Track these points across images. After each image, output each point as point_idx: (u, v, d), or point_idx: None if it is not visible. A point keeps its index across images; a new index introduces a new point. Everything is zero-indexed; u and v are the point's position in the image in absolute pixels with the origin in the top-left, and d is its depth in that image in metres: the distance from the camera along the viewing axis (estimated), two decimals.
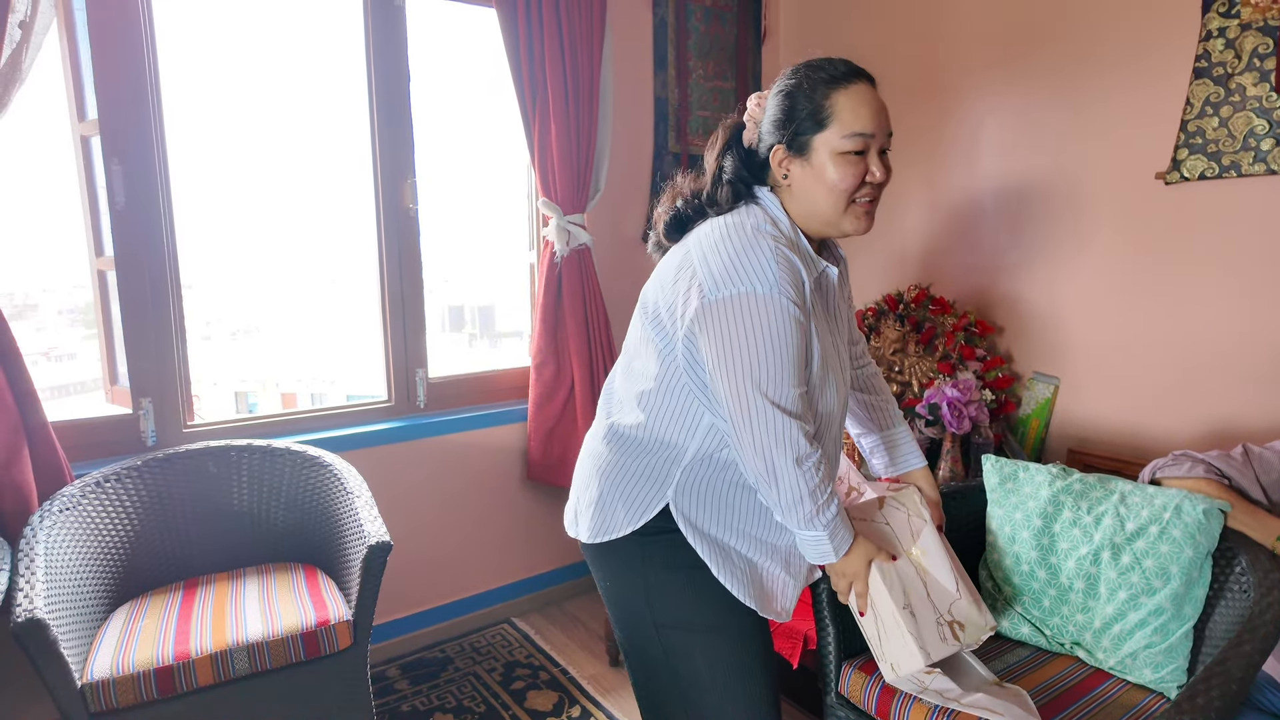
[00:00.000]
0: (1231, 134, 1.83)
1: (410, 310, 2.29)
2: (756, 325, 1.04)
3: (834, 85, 1.10)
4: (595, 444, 1.24)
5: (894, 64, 2.52)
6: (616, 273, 2.61)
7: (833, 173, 1.10)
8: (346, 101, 2.20)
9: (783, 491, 1.08)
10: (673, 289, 1.12)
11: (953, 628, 1.24)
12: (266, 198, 2.37)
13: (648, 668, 1.24)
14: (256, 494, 1.93)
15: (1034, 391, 2.21)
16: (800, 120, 1.11)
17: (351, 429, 2.19)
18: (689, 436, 1.15)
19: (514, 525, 2.54)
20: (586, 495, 1.23)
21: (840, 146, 1.10)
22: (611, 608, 1.27)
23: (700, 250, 1.10)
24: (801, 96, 1.11)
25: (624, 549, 1.19)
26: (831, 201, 1.12)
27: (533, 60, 2.22)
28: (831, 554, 1.14)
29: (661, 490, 1.16)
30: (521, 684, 2.15)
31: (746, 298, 1.04)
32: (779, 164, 1.14)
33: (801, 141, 1.11)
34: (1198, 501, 1.32)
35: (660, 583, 1.18)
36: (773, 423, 1.05)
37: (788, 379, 1.05)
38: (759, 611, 1.17)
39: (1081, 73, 2.08)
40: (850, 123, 1.09)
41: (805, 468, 1.07)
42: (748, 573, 1.17)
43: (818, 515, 1.10)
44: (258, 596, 1.69)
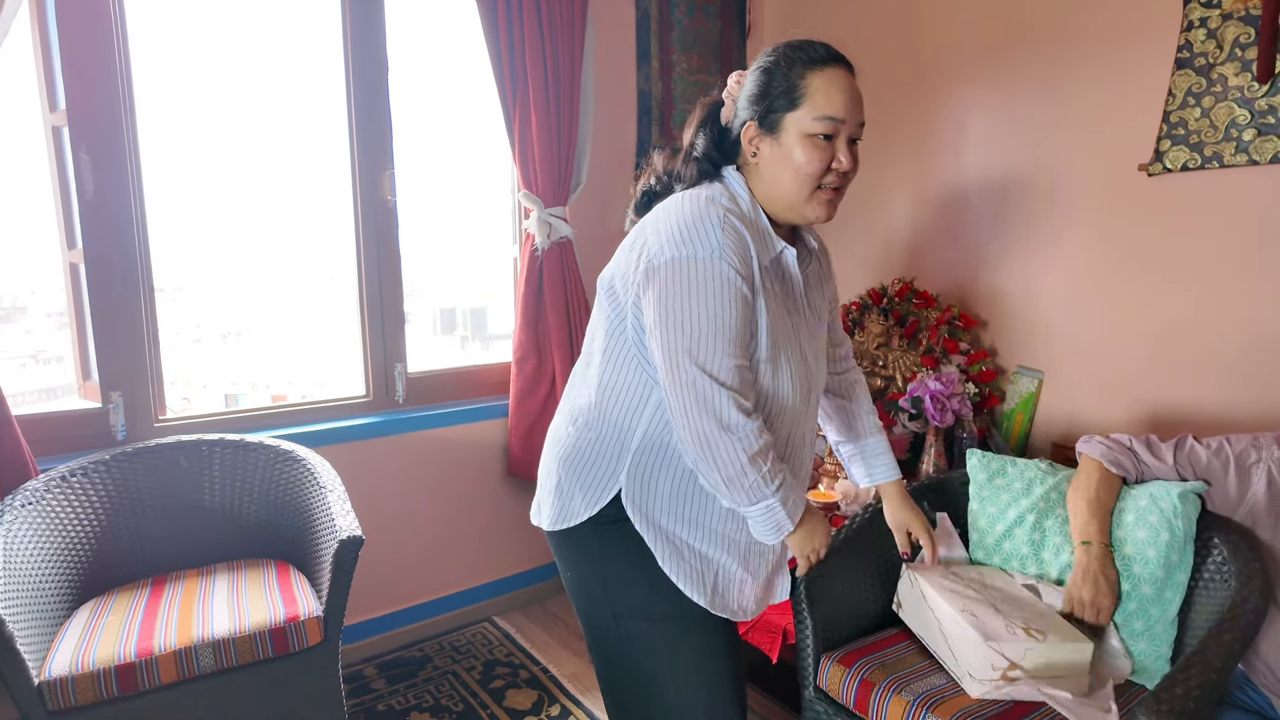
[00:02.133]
0: (1214, 124, 1.82)
1: (389, 303, 2.25)
2: (693, 289, 1.02)
3: (811, 66, 1.09)
4: (556, 428, 1.23)
5: (879, 57, 2.50)
6: (599, 266, 2.55)
7: (799, 154, 1.08)
8: (324, 93, 2.17)
9: (720, 463, 1.04)
10: (627, 258, 1.11)
11: (1027, 631, 1.23)
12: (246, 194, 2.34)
13: (608, 657, 1.22)
14: (229, 489, 1.89)
15: (1018, 385, 2.19)
16: (774, 97, 1.09)
17: (328, 424, 2.16)
18: (636, 416, 1.12)
19: (495, 522, 2.50)
20: (548, 482, 1.21)
21: (810, 128, 1.08)
22: (572, 596, 1.25)
23: (654, 219, 1.09)
24: (778, 74, 1.10)
25: (581, 537, 1.17)
26: (796, 185, 1.10)
27: (513, 51, 2.19)
28: (787, 521, 1.10)
29: (614, 475, 1.14)
30: (501, 683, 2.12)
31: (688, 261, 1.02)
32: (749, 140, 1.12)
33: (773, 119, 1.10)
34: (1172, 487, 1.30)
35: (617, 571, 1.16)
36: (701, 390, 1.02)
37: (721, 347, 1.03)
38: (711, 610, 1.14)
39: (1065, 64, 2.07)
40: (822, 105, 1.08)
41: (739, 435, 1.03)
42: (699, 568, 1.14)
43: (764, 483, 1.06)
44: (227, 593, 1.65)
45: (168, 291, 2.28)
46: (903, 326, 2.26)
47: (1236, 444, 1.39)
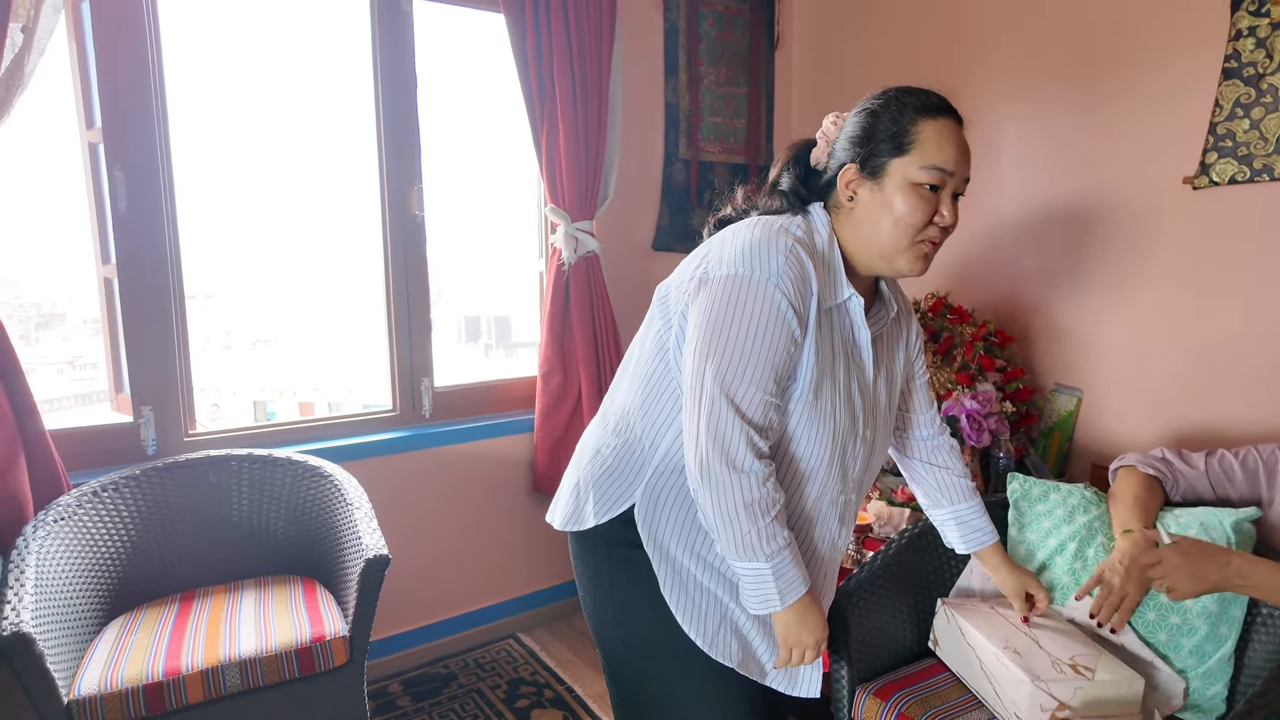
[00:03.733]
0: (1264, 136, 1.76)
1: (416, 318, 2.25)
2: (740, 310, 0.98)
3: (923, 113, 1.05)
4: (589, 431, 1.21)
5: (909, 70, 2.46)
6: (625, 280, 2.57)
7: (901, 203, 1.03)
8: (353, 107, 2.18)
9: (715, 497, 0.98)
10: (685, 269, 1.09)
11: (1075, 668, 1.18)
12: (276, 205, 2.37)
13: (622, 683, 1.19)
14: (256, 505, 1.90)
15: (1056, 404, 2.13)
16: (879, 141, 1.05)
17: (355, 439, 2.15)
18: (662, 432, 1.08)
19: (520, 538, 2.49)
20: (569, 480, 1.20)
21: (916, 177, 1.03)
22: (586, 613, 1.22)
23: (721, 236, 1.06)
24: (886, 117, 1.06)
25: (594, 550, 1.15)
26: (894, 234, 1.04)
27: (541, 66, 2.19)
28: (775, 598, 1.00)
29: (630, 489, 1.10)
30: (526, 702, 2.09)
31: (743, 281, 0.98)
32: (847, 184, 1.07)
33: (876, 164, 1.05)
34: (1224, 515, 1.25)
35: (629, 601, 1.12)
36: (718, 416, 0.97)
37: (752, 377, 0.97)
38: (709, 653, 1.06)
39: (1105, 75, 2.01)
40: (932, 154, 1.03)
41: (744, 475, 0.97)
42: (701, 605, 1.07)
43: (761, 542, 0.97)
44: (254, 611, 1.65)
45: (199, 298, 2.29)
46: (937, 343, 2.21)
47: (1264, 450, 1.39)
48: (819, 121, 1.18)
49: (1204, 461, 1.43)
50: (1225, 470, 1.40)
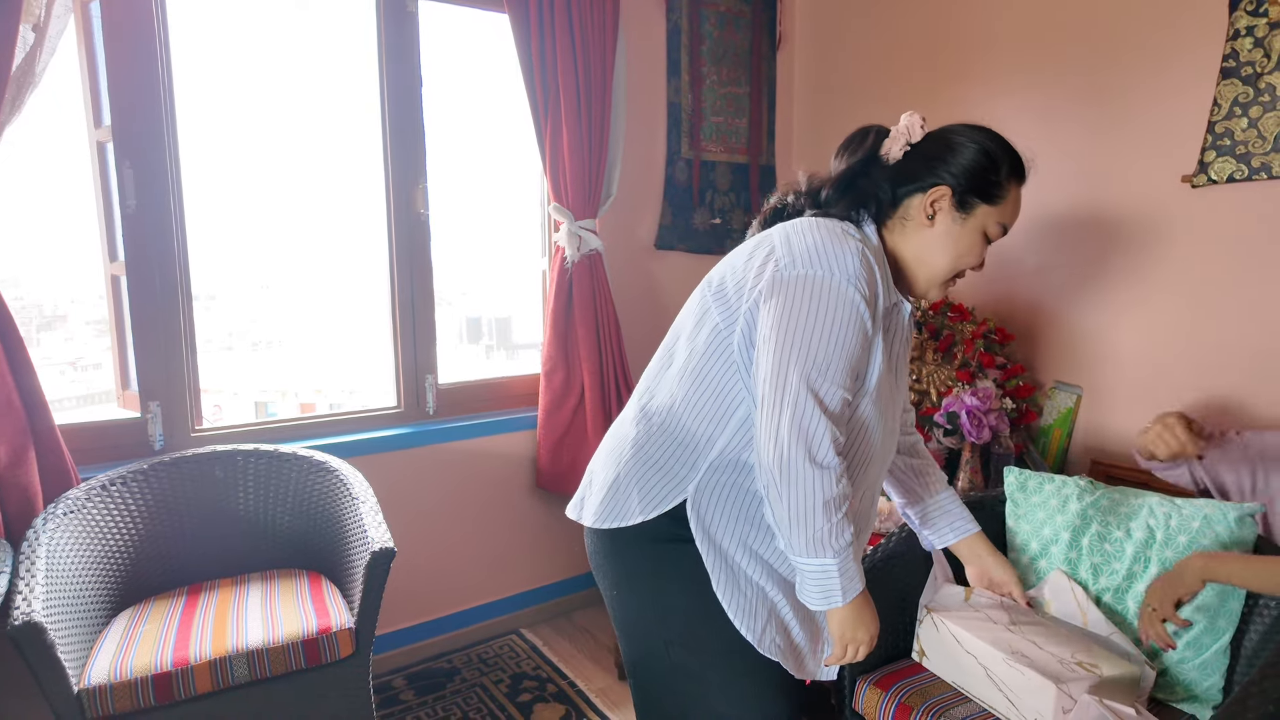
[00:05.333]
0: (1262, 135, 1.77)
1: (421, 316, 2.27)
2: (820, 308, 0.99)
3: (1016, 174, 1.14)
4: (622, 427, 1.18)
5: (908, 69, 2.48)
6: (628, 279, 2.58)
7: (969, 244, 1.12)
8: (359, 107, 2.20)
9: (793, 493, 0.98)
10: (745, 265, 1.08)
11: (1081, 665, 1.19)
12: (280, 205, 2.37)
13: (653, 683, 1.18)
14: (263, 499, 1.91)
15: (1056, 401, 2.15)
16: (983, 185, 1.10)
17: (360, 435, 2.17)
18: (719, 428, 1.07)
19: (523, 534, 2.50)
20: (602, 477, 1.16)
21: (990, 229, 1.13)
22: (616, 612, 1.19)
23: (783, 232, 1.07)
24: (997, 167, 1.11)
25: (635, 549, 1.12)
26: (946, 266, 1.12)
27: (544, 65, 2.20)
28: (838, 594, 1.02)
29: (682, 485, 1.08)
30: (529, 696, 2.11)
31: (821, 281, 1.00)
32: (932, 202, 1.11)
33: (971, 202, 1.11)
34: (1229, 509, 1.26)
35: (674, 596, 1.10)
36: (802, 410, 0.97)
37: (835, 374, 0.99)
38: (760, 649, 1.07)
39: (1102, 73, 2.03)
40: (1010, 215, 1.14)
41: (825, 471, 0.98)
42: (754, 602, 1.08)
43: (831, 538, 0.99)
44: (260, 603, 1.67)
45: (201, 299, 2.32)
46: (937, 340, 2.23)
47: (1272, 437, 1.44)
48: (821, 120, 1.21)
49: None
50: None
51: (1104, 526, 1.41)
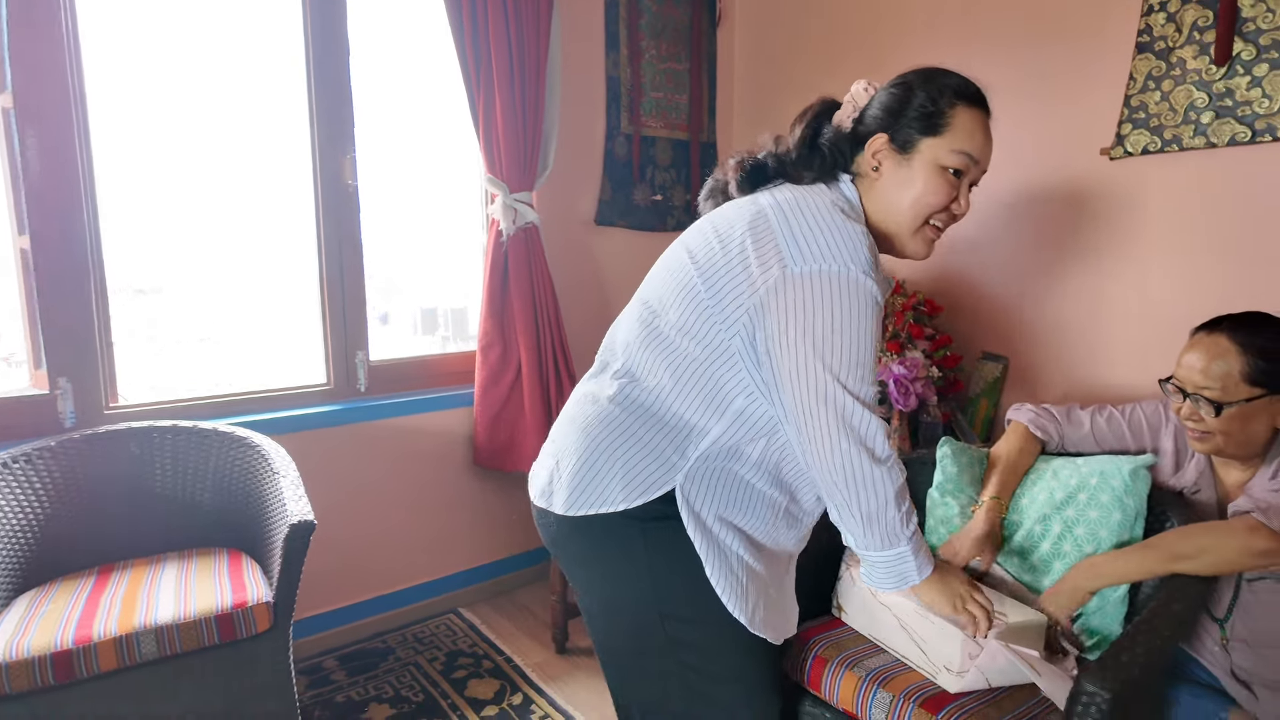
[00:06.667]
0: (1173, 108, 1.83)
1: (350, 288, 2.22)
2: (842, 307, 0.95)
3: (960, 97, 1.07)
4: (596, 406, 1.09)
5: (848, 46, 2.50)
6: (568, 254, 2.56)
7: (924, 183, 1.06)
8: (283, 73, 2.13)
9: (865, 498, 0.97)
10: (740, 248, 1.01)
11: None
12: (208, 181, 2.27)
13: (647, 659, 1.12)
14: (181, 476, 1.85)
15: (982, 371, 2.19)
16: (914, 116, 1.06)
17: (288, 412, 2.12)
18: (714, 418, 1.03)
19: (461, 512, 2.47)
20: (571, 460, 1.08)
21: (944, 160, 1.06)
22: (596, 592, 1.14)
23: (781, 216, 1.01)
24: (923, 94, 1.07)
25: (619, 531, 1.06)
26: (911, 214, 1.07)
27: (476, 32, 2.16)
28: (914, 575, 1.02)
29: (670, 472, 1.03)
30: (463, 673, 2.09)
31: (838, 277, 0.95)
32: (874, 153, 1.08)
33: (907, 138, 1.06)
34: (1123, 464, 1.30)
35: (669, 571, 1.06)
36: (851, 415, 0.95)
37: (868, 372, 0.97)
38: (750, 628, 1.06)
39: (1027, 50, 2.07)
40: (963, 139, 1.06)
41: (890, 466, 0.97)
42: (744, 582, 1.06)
43: (903, 526, 1.00)
44: (175, 580, 1.61)
45: (147, 293, 2.24)
46: None
47: (1147, 406, 1.48)
48: (763, 98, 1.19)
49: (1089, 420, 1.50)
50: (1112, 428, 1.48)
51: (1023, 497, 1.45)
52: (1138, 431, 1.48)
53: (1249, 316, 1.28)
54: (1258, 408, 1.23)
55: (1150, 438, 1.47)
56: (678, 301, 1.06)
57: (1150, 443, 1.47)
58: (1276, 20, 1.65)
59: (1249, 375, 1.22)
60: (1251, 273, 1.74)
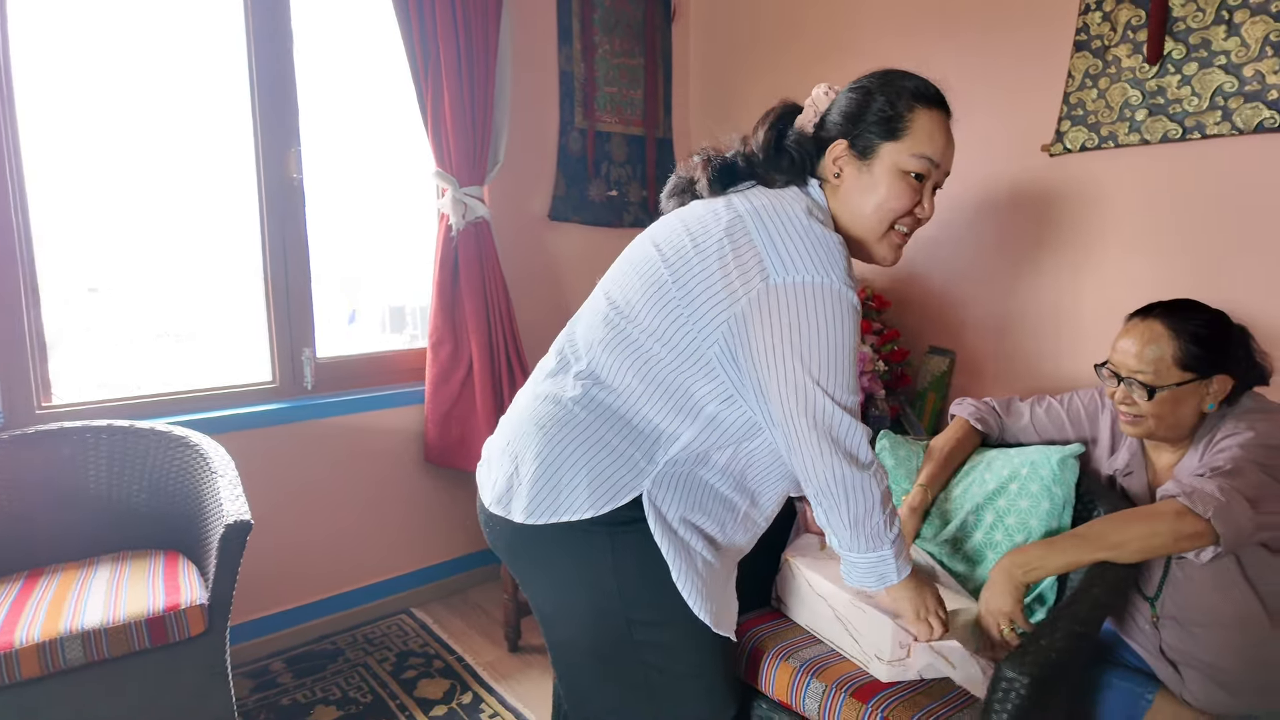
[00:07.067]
0: (1109, 105, 1.86)
1: (295, 284, 2.18)
2: (827, 318, 0.95)
3: (919, 100, 1.06)
4: (558, 407, 1.06)
5: (801, 42, 2.51)
6: (521, 249, 2.54)
7: (886, 188, 1.05)
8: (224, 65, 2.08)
9: (851, 503, 1.00)
10: (717, 252, 1.00)
11: None
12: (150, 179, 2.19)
13: (608, 663, 1.12)
14: (116, 477, 1.80)
15: (930, 365, 2.22)
16: (873, 121, 1.06)
17: (230, 410, 2.07)
18: (685, 423, 1.03)
19: (413, 511, 2.44)
20: (531, 465, 1.04)
21: (905, 164, 1.05)
22: (557, 599, 1.12)
23: (760, 223, 1.00)
24: (882, 98, 1.06)
25: (585, 538, 1.04)
26: (875, 219, 1.07)
27: (424, 24, 2.13)
28: (894, 574, 1.06)
29: (639, 478, 1.02)
30: (413, 673, 2.06)
31: (820, 288, 0.95)
32: (835, 159, 1.07)
33: (867, 144, 1.06)
34: (1051, 454, 1.33)
35: (636, 576, 1.04)
36: (836, 425, 0.97)
37: (850, 379, 0.99)
38: (714, 629, 1.06)
39: (972, 45, 2.10)
40: (924, 143, 1.05)
41: (870, 472, 1.00)
42: (709, 582, 1.07)
43: (887, 529, 1.03)
44: (106, 584, 1.57)
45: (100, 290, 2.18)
46: None
47: (1084, 394, 1.51)
48: (718, 94, 1.18)
49: (1029, 411, 1.54)
50: (1051, 418, 1.52)
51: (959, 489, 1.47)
52: (1076, 420, 1.51)
53: (1180, 303, 1.31)
54: (1187, 391, 1.26)
55: (1089, 425, 1.50)
56: (647, 301, 1.04)
57: (1089, 430, 1.50)
58: (1205, 20, 1.69)
59: (1180, 360, 1.25)
60: (1184, 264, 1.78)
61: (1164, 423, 1.28)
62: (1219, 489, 1.13)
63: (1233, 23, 1.65)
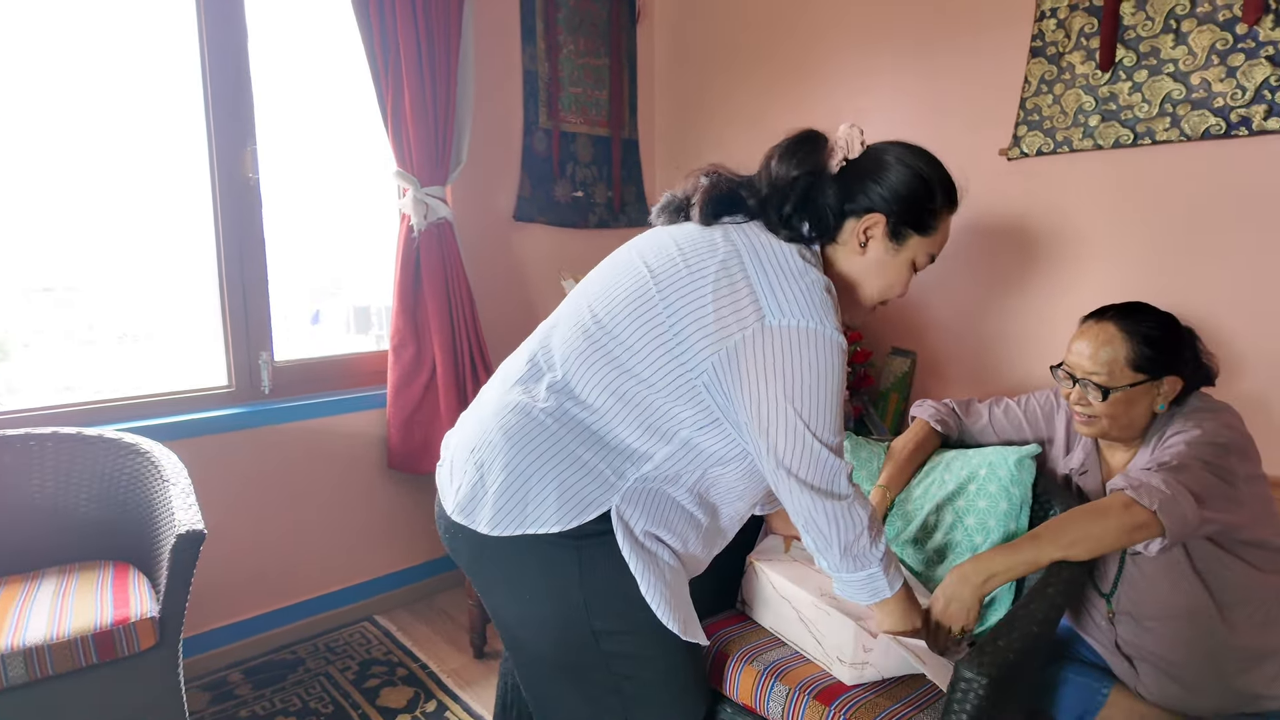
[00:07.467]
0: (1064, 110, 1.90)
1: (251, 286, 2.12)
2: (817, 361, 0.98)
3: (949, 203, 1.12)
4: (529, 418, 1.05)
5: (768, 45, 2.52)
6: (484, 249, 2.51)
7: (899, 275, 1.11)
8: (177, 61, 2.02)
9: (839, 531, 1.04)
10: (712, 283, 1.00)
11: None
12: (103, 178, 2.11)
13: (574, 674, 1.11)
14: (63, 487, 1.74)
15: (892, 366, 2.25)
16: (918, 214, 1.08)
17: (184, 416, 2.01)
18: (659, 445, 1.03)
19: (375, 517, 2.40)
20: (499, 475, 1.03)
21: (921, 260, 1.12)
22: (521, 612, 1.10)
23: (757, 262, 1.01)
24: (929, 194, 1.09)
25: (551, 551, 1.03)
26: (874, 295, 1.12)
27: (384, 19, 2.09)
28: (887, 588, 1.09)
29: (608, 493, 1.02)
30: (376, 681, 2.03)
31: (814, 334, 0.98)
32: (866, 229, 1.08)
33: (904, 232, 1.09)
34: (1009, 454, 1.35)
35: (604, 588, 1.05)
36: (821, 466, 1.01)
37: (836, 421, 1.02)
38: (683, 636, 1.07)
39: (934, 52, 2.13)
40: (939, 244, 1.13)
41: (852, 502, 1.04)
42: (678, 592, 1.07)
43: (872, 549, 1.07)
44: (51, 597, 1.51)
45: (56, 290, 2.12)
46: None
47: (1040, 395, 1.55)
48: (684, 95, 1.17)
49: (987, 411, 1.57)
50: (1009, 418, 1.55)
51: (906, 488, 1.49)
52: (1033, 420, 1.54)
53: (1132, 306, 1.34)
54: (1140, 392, 1.29)
55: (1045, 425, 1.53)
56: (631, 317, 1.03)
57: (1045, 430, 1.53)
58: (1154, 29, 1.74)
59: (1133, 361, 1.28)
60: (1134, 267, 1.83)
61: (1117, 423, 1.31)
62: (1164, 482, 1.16)
63: (1180, 31, 1.70)
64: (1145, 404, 1.30)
